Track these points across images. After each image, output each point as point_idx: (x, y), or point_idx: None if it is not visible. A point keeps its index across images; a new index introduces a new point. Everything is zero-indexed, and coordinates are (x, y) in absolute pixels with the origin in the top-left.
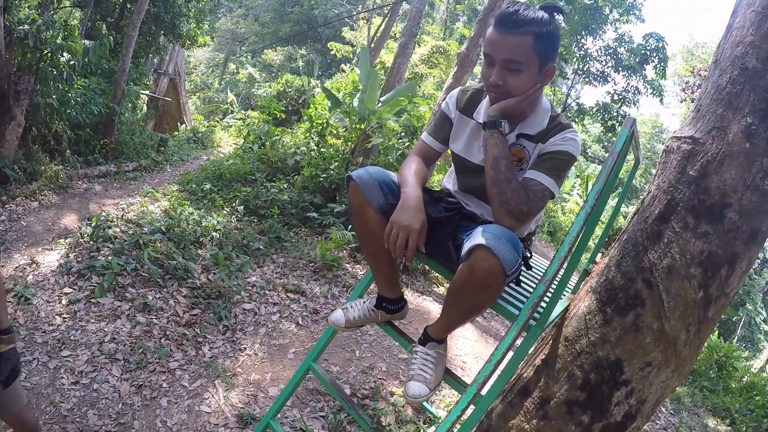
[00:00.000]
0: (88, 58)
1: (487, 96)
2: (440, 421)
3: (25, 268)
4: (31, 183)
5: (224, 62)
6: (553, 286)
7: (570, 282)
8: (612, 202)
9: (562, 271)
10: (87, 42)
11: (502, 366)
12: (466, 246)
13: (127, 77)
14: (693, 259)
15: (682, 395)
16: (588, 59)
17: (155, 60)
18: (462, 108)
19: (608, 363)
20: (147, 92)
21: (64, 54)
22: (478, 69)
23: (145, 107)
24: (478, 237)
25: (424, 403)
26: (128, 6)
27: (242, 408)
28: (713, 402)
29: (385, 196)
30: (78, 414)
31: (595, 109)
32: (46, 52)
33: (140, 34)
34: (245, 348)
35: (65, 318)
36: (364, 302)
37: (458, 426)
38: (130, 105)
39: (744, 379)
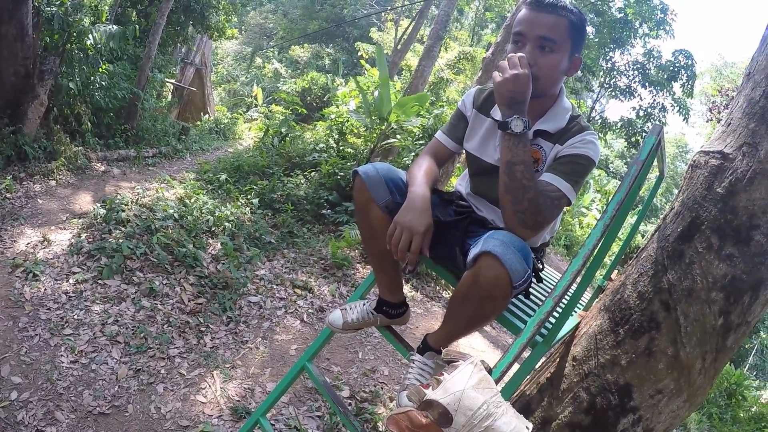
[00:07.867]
0: (112, 43)
1: None
2: None
3: (36, 245)
4: (50, 162)
5: (251, 56)
6: (564, 301)
7: (583, 298)
8: (631, 219)
9: (574, 287)
10: (113, 27)
11: (503, 382)
12: (472, 252)
13: (152, 64)
14: (715, 283)
15: (689, 422)
16: (615, 73)
17: (183, 49)
18: (479, 106)
19: (617, 387)
20: (172, 81)
21: (90, 37)
22: None
23: (170, 95)
24: (485, 243)
25: None
26: None
27: (238, 401)
28: (721, 431)
29: (392, 194)
30: (74, 393)
31: (619, 125)
32: (73, 34)
33: (169, 23)
34: (247, 341)
35: (71, 297)
36: (364, 304)
37: None
38: (154, 92)
39: (753, 409)
